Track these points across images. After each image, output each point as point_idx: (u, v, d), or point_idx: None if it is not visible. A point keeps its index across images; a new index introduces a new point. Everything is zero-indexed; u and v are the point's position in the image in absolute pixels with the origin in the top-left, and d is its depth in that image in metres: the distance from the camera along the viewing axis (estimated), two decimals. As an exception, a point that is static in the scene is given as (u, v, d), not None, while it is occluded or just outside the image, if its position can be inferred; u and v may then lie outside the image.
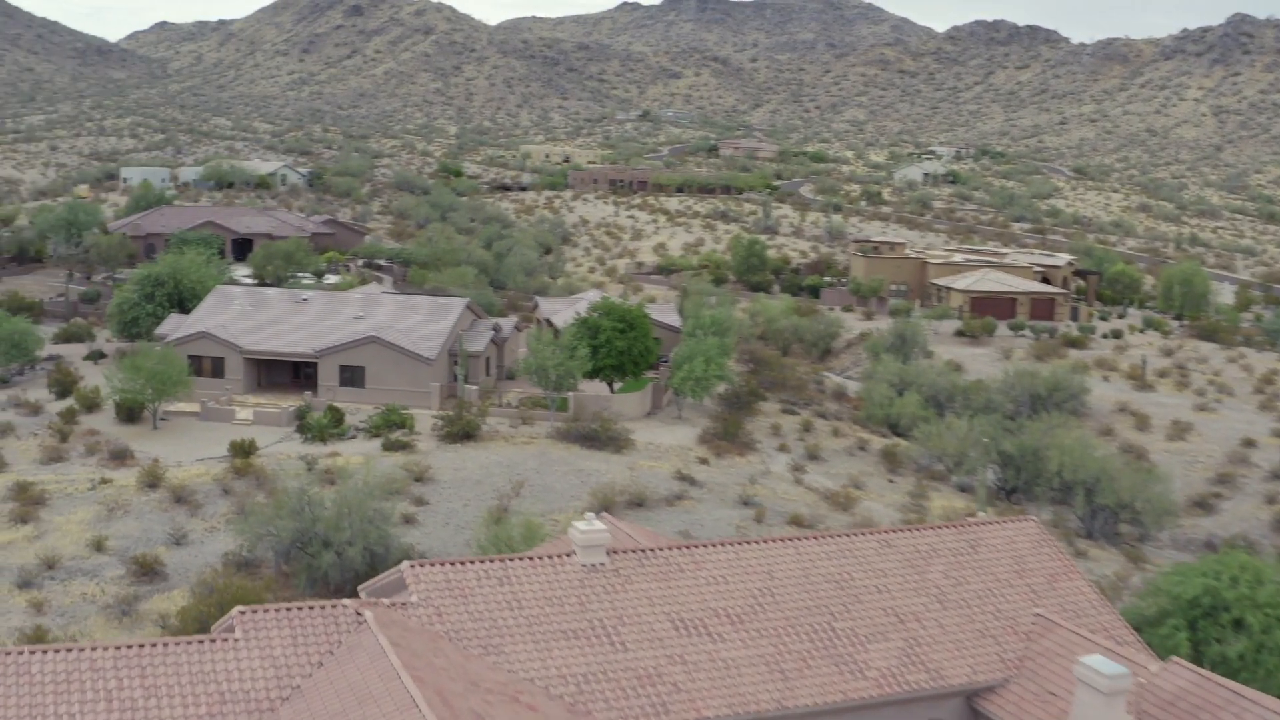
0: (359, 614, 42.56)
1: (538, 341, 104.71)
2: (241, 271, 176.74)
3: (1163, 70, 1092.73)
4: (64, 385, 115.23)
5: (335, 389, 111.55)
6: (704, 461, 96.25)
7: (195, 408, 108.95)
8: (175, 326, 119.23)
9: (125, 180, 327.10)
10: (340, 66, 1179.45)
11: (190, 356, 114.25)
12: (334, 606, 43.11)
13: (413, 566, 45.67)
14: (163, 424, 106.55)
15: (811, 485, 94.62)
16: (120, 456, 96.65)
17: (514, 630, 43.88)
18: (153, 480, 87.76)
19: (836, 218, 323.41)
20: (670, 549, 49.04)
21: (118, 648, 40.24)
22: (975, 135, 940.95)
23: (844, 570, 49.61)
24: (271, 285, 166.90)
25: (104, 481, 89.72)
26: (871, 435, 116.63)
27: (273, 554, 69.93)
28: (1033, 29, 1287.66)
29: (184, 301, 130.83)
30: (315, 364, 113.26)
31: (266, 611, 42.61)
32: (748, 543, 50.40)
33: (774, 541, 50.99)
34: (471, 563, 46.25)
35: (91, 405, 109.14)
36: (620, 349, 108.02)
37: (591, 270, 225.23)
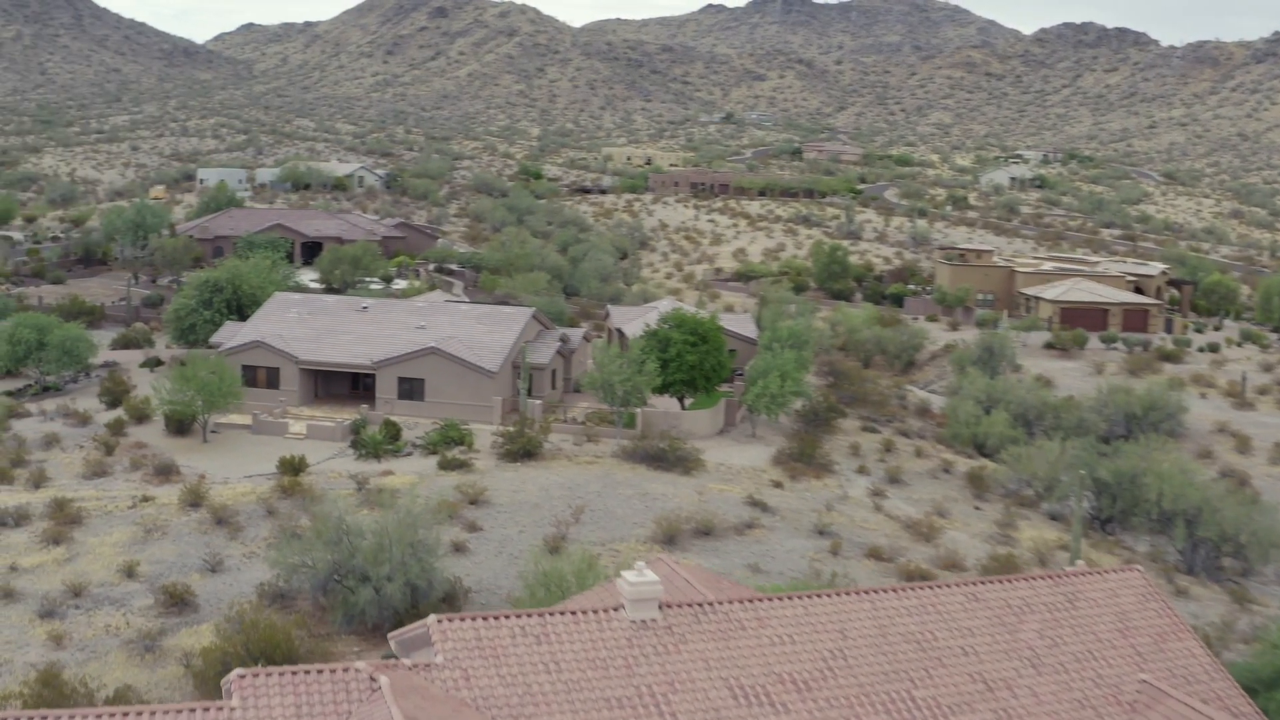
0: (373, 679, 37.48)
1: (603, 355, 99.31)
2: (308, 275, 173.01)
3: (1254, 74, 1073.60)
4: (115, 395, 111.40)
5: (394, 402, 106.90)
6: (778, 485, 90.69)
7: (248, 420, 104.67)
8: (230, 334, 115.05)
9: (202, 181, 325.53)
10: (424, 68, 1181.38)
11: (244, 366, 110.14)
12: (345, 670, 38.03)
13: (439, 621, 40.49)
14: (213, 437, 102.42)
15: (892, 512, 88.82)
16: (165, 472, 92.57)
17: (551, 697, 38.59)
18: (195, 499, 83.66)
19: (921, 223, 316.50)
20: (730, 603, 43.53)
21: (99, 717, 35.39)
22: (1063, 139, 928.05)
23: (926, 629, 43.89)
24: (337, 290, 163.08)
25: (145, 499, 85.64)
26: (957, 456, 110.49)
27: (309, 586, 65.14)
28: (1121, 31, 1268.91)
29: (243, 308, 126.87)
30: (374, 375, 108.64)
31: (269, 675, 37.63)
32: (818, 596, 44.82)
33: (847, 594, 45.36)
34: (505, 617, 41.00)
35: (141, 416, 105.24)
36: (691, 363, 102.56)
37: (668, 276, 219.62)
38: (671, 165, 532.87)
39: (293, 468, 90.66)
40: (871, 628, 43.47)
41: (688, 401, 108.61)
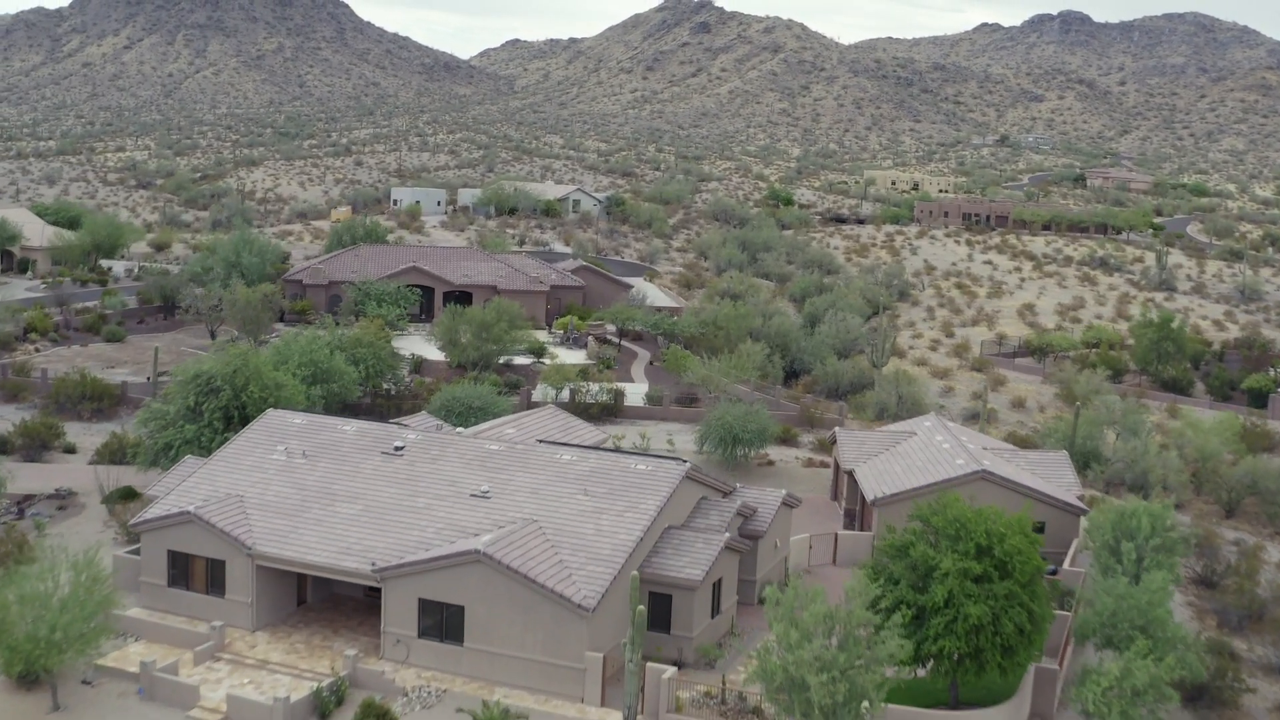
0: None
1: (784, 623, 47.49)
2: (429, 348, 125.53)
3: None
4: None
5: (411, 643, 57.57)
6: None
7: (156, 661, 56.78)
8: (180, 481, 67.46)
9: (395, 203, 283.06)
10: (684, 85, 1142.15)
11: (171, 553, 62.57)
12: None
13: None
14: (79, 694, 55.16)
15: None
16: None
17: None
18: None
19: (1246, 270, 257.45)
20: None
21: None
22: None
23: None
24: (462, 368, 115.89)
25: None
26: None
27: None
28: None
29: (250, 419, 79.52)
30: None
31: None
32: None
33: None
34: None
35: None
36: (977, 620, 50.77)
37: (934, 346, 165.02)
38: (941, 191, 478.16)
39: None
40: None
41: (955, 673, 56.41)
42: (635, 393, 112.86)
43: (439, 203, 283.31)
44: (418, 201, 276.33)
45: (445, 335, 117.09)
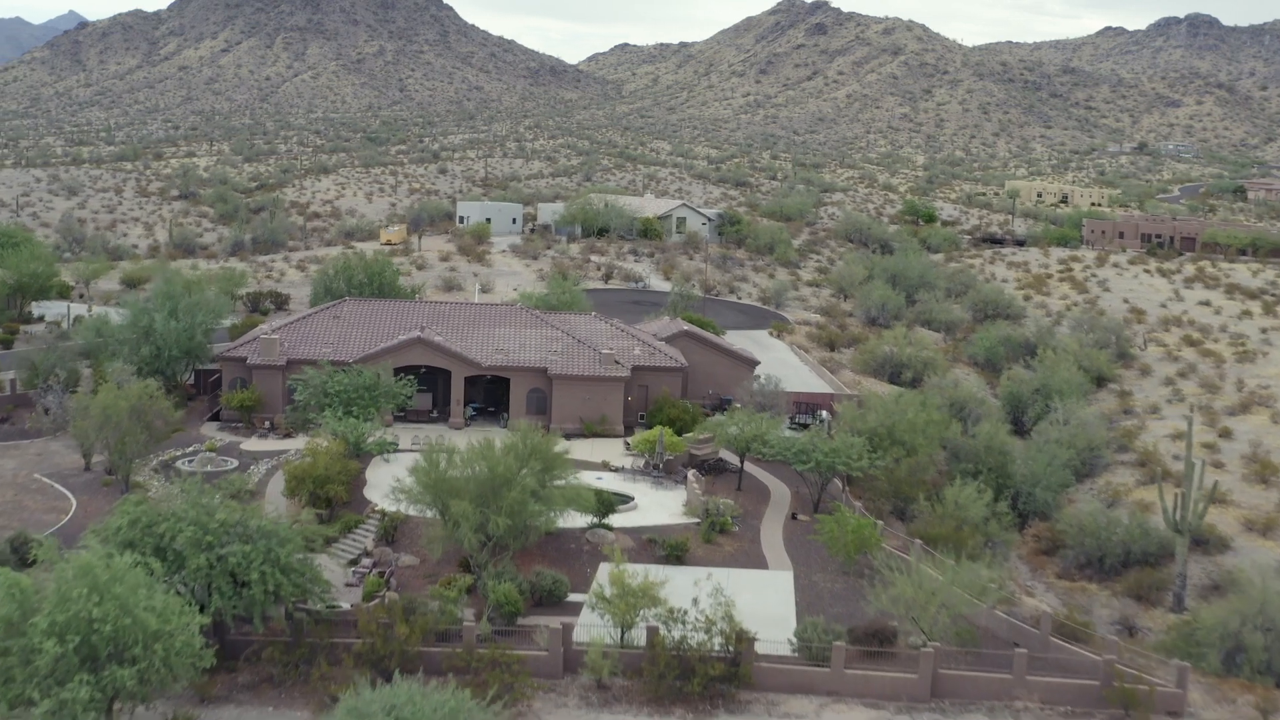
0: None
1: None
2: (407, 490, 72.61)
3: None
4: None
5: None
6: None
7: None
8: None
9: (462, 220, 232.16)
10: (799, 89, 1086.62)
11: None
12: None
13: None
14: None
15: None
16: None
17: None
18: None
19: None
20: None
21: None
22: None
23: None
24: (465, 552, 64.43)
25: None
26: None
27: None
28: None
29: None
30: None
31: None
32: None
33: None
34: None
35: None
36: None
37: (1216, 459, 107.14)
38: (1093, 204, 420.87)
39: None
40: None
41: None
42: (772, 618, 59.77)
43: (514, 220, 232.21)
44: (488, 219, 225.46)
45: (430, 493, 64.17)
